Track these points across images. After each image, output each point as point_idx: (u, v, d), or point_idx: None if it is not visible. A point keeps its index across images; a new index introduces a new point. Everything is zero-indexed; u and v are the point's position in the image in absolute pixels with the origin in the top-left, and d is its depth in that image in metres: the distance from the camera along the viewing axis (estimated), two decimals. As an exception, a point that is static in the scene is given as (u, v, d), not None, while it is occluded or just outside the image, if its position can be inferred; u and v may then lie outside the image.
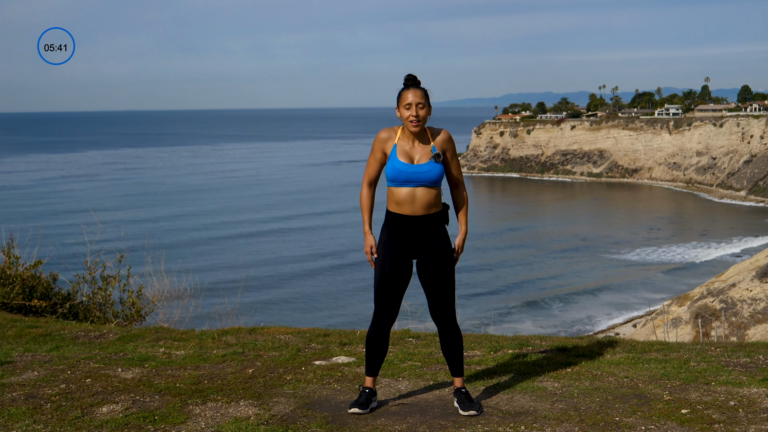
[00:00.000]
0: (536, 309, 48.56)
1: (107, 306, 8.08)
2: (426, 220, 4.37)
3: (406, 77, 4.44)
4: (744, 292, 32.27)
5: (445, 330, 4.52)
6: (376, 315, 4.48)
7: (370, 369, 4.55)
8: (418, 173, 4.35)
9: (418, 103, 4.34)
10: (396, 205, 4.39)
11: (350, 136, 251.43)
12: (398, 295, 4.45)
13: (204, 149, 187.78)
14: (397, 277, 4.41)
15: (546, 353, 5.72)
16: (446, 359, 4.60)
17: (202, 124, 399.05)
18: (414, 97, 4.34)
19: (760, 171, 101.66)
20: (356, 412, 4.38)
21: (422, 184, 4.35)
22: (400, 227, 4.38)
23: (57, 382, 4.99)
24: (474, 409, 4.36)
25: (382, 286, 4.42)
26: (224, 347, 6.00)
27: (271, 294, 48.74)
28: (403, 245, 4.40)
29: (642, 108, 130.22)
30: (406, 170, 4.35)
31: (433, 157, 4.36)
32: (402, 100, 4.38)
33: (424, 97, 4.37)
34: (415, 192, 4.35)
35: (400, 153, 4.39)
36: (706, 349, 5.86)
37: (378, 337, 4.50)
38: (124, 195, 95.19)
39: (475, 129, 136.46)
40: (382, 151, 4.44)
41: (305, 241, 66.67)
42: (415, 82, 4.43)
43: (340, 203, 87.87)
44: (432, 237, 4.40)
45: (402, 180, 4.36)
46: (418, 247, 4.41)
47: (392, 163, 4.38)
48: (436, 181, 4.38)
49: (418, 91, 4.37)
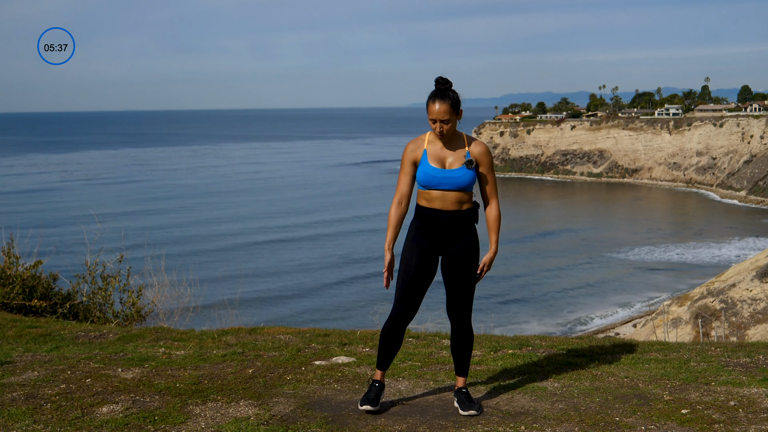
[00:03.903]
0: (536, 309, 48.55)
1: (107, 306, 8.08)
2: (456, 216, 4.31)
3: (437, 80, 4.30)
4: (744, 292, 32.27)
5: (458, 328, 4.49)
6: (395, 309, 4.41)
7: (382, 363, 4.51)
8: (449, 178, 4.28)
9: (442, 120, 4.24)
10: (426, 201, 4.34)
11: (350, 137, 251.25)
12: (422, 291, 4.40)
13: (204, 149, 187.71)
14: (423, 274, 4.35)
15: (546, 353, 5.72)
16: (453, 357, 4.58)
17: (202, 124, 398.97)
18: (438, 113, 4.23)
19: (760, 171, 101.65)
20: (368, 409, 4.37)
21: (453, 188, 4.28)
22: (430, 222, 4.32)
23: (57, 382, 4.99)
24: (474, 409, 4.35)
25: (407, 281, 4.35)
26: (224, 347, 6.00)
27: (271, 294, 48.73)
28: (431, 241, 4.35)
29: (642, 108, 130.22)
30: (438, 175, 4.28)
31: (465, 163, 4.29)
32: (429, 112, 4.28)
33: (450, 111, 4.24)
34: (446, 192, 4.30)
35: (431, 158, 4.32)
36: (706, 349, 5.86)
37: (394, 332, 4.44)
38: (124, 195, 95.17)
39: (475, 129, 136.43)
40: (412, 163, 4.36)
41: (308, 246, 66.56)
42: (443, 89, 4.28)
43: (345, 210, 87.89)
44: (460, 234, 4.35)
45: (434, 185, 4.29)
46: (445, 243, 4.35)
47: (423, 167, 4.31)
48: (468, 186, 4.30)
49: (444, 105, 4.23)
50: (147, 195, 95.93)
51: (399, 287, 4.39)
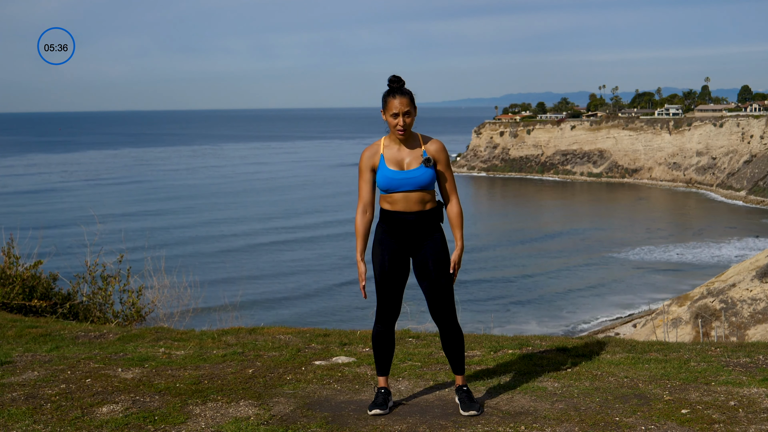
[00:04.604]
0: (536, 309, 48.55)
1: (107, 306, 8.08)
2: (420, 216, 4.32)
3: (390, 79, 4.32)
4: (744, 292, 32.27)
5: (445, 328, 4.49)
6: (379, 312, 4.46)
7: (381, 369, 4.53)
8: (409, 179, 4.28)
9: (404, 112, 4.26)
10: (389, 204, 4.34)
11: (350, 137, 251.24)
12: (399, 290, 4.42)
13: (204, 149, 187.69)
14: (396, 272, 4.37)
15: (546, 353, 5.71)
16: (447, 357, 4.59)
17: (202, 124, 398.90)
18: (401, 106, 4.25)
19: (760, 171, 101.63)
20: (377, 413, 4.37)
21: (414, 188, 4.29)
22: (395, 224, 4.33)
23: (57, 382, 4.99)
24: (474, 409, 4.36)
25: (383, 283, 4.38)
26: (224, 347, 6.00)
27: (272, 296, 48.71)
28: (399, 242, 4.36)
29: (642, 108, 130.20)
30: (397, 177, 4.29)
31: (423, 162, 4.30)
32: (388, 108, 4.29)
33: (410, 104, 4.28)
34: (408, 194, 4.31)
35: (388, 161, 4.32)
36: (706, 349, 5.86)
37: (383, 336, 4.47)
38: (124, 195, 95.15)
39: (475, 129, 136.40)
40: (370, 170, 4.37)
41: (309, 247, 66.52)
42: (400, 85, 4.31)
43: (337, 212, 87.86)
44: (427, 234, 4.36)
45: (394, 187, 4.29)
46: (413, 244, 4.36)
47: (382, 171, 4.31)
48: (428, 185, 4.31)
49: (404, 98, 4.27)
50: (147, 195, 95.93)
51: (378, 291, 4.41)
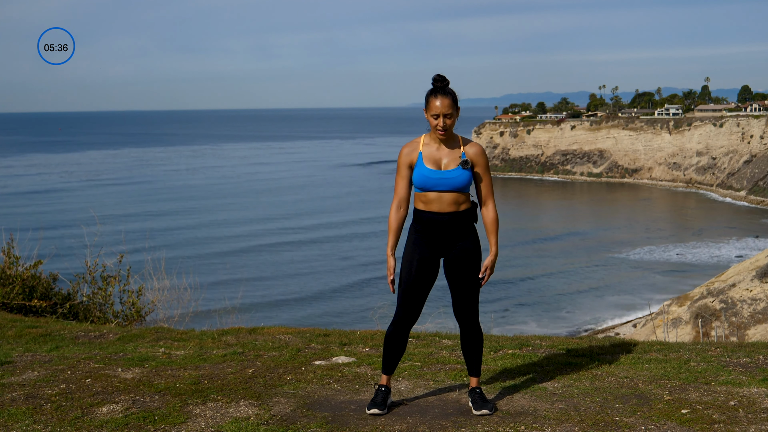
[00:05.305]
0: (536, 309, 48.54)
1: (107, 306, 8.07)
2: (454, 217, 4.30)
3: (434, 78, 4.29)
4: (744, 292, 32.28)
5: (467, 329, 4.49)
6: (398, 314, 4.43)
7: (387, 367, 4.52)
8: (445, 179, 4.27)
9: (445, 114, 4.24)
10: (423, 204, 4.33)
11: (350, 137, 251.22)
12: (423, 296, 4.41)
13: (204, 149, 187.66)
14: (423, 279, 4.35)
15: (546, 353, 5.71)
16: (465, 358, 4.58)
17: (202, 124, 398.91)
18: (442, 107, 4.23)
19: (760, 171, 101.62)
20: (375, 413, 4.37)
21: (450, 189, 4.28)
22: (429, 225, 4.31)
23: (57, 382, 4.99)
24: (486, 409, 4.36)
25: (408, 287, 4.36)
26: (224, 347, 6.00)
27: (272, 294, 48.71)
28: (431, 244, 4.33)
29: (642, 108, 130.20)
30: (433, 176, 4.27)
31: (461, 163, 4.28)
32: (430, 108, 4.27)
33: (452, 106, 4.25)
34: (442, 194, 4.29)
35: (426, 159, 4.31)
36: (706, 349, 5.86)
37: (397, 336, 4.46)
38: (124, 196, 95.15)
39: (475, 129, 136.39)
40: (408, 167, 4.35)
41: (308, 248, 66.48)
42: (443, 86, 4.28)
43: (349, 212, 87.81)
44: (460, 235, 4.33)
45: (430, 186, 4.28)
46: (446, 245, 4.34)
47: (419, 169, 4.30)
48: (464, 187, 4.29)
49: (446, 99, 4.24)
50: (147, 196, 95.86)
51: (400, 292, 4.39)
